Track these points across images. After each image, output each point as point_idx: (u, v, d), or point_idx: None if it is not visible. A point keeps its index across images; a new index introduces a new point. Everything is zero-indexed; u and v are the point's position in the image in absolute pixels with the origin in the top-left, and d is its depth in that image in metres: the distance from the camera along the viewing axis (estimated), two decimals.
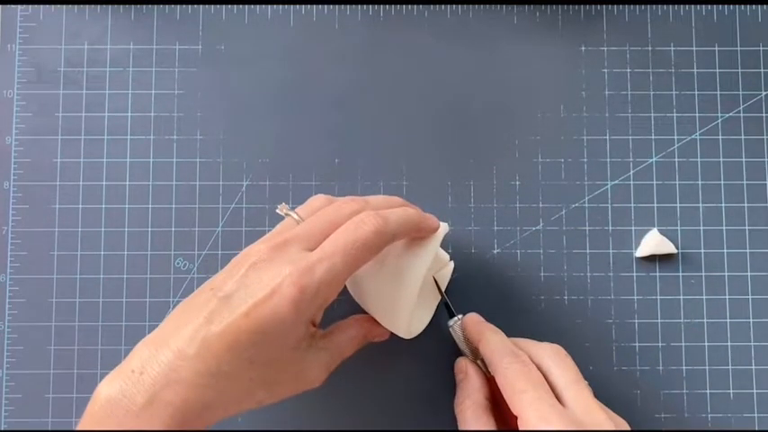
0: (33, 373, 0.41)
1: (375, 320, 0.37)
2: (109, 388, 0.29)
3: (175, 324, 0.30)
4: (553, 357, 0.34)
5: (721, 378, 0.41)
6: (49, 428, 0.40)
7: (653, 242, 0.41)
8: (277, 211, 0.35)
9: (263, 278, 0.30)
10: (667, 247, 0.41)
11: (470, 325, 0.38)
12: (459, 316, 0.38)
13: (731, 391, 0.41)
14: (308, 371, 0.33)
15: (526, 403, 0.32)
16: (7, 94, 0.43)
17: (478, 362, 0.37)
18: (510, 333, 0.37)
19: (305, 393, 0.33)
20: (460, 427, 0.36)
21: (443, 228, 0.36)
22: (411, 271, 0.34)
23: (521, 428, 0.32)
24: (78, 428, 0.30)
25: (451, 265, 0.40)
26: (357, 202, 0.34)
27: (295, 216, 0.34)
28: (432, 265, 0.36)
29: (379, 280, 0.35)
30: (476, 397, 0.36)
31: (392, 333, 0.37)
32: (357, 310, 0.38)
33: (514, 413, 0.32)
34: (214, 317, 0.30)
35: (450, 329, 0.38)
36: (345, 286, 0.38)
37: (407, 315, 0.35)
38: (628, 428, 0.33)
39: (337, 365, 0.35)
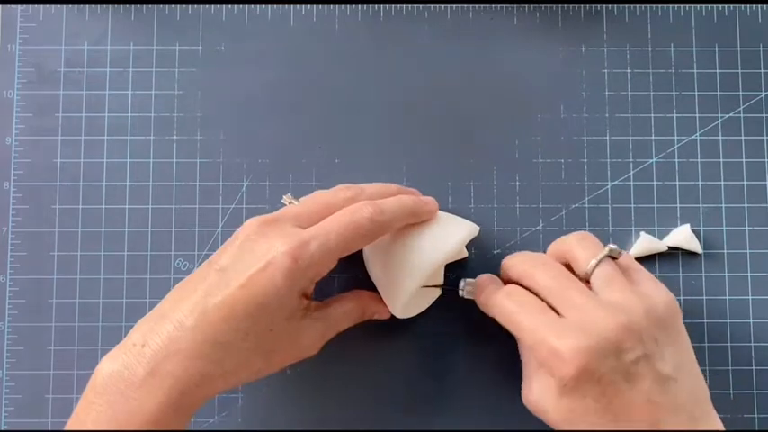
0: (33, 373, 0.41)
1: (375, 297, 0.38)
2: (111, 363, 0.30)
3: (175, 299, 0.32)
4: (534, 270, 0.34)
5: (721, 378, 0.41)
6: (49, 428, 0.40)
7: (681, 236, 0.41)
8: (282, 200, 0.37)
9: (256, 250, 0.31)
10: (694, 245, 0.41)
11: (478, 286, 0.37)
12: (463, 281, 0.37)
13: (731, 391, 0.41)
14: (302, 339, 0.34)
15: (523, 332, 0.32)
16: (7, 95, 0.43)
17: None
18: (510, 335, 0.37)
19: (301, 392, 0.33)
20: (492, 305, 0.35)
21: (473, 229, 0.37)
22: (425, 256, 0.35)
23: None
24: (81, 403, 0.30)
25: (464, 254, 0.40)
26: (352, 190, 0.35)
27: (297, 204, 0.35)
28: (449, 258, 0.36)
29: (393, 255, 0.36)
30: (495, 285, 0.36)
31: (392, 318, 0.37)
32: (356, 287, 0.39)
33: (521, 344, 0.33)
34: (211, 289, 0.31)
35: (462, 292, 0.37)
36: (342, 262, 0.38)
37: (408, 296, 0.35)
38: (646, 305, 0.32)
39: (332, 336, 0.36)
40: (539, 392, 0.33)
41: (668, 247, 0.41)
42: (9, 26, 0.43)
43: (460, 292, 0.37)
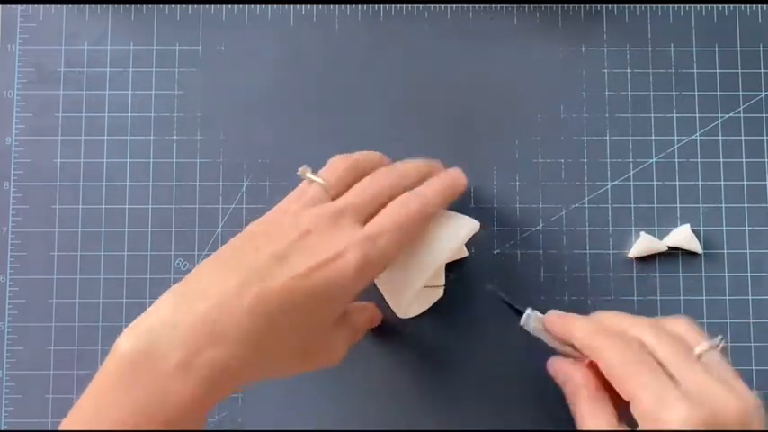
0: (33, 374, 0.41)
1: (378, 307, 0.38)
2: (136, 341, 0.26)
3: (213, 277, 0.29)
4: (651, 331, 0.31)
5: None
6: (49, 428, 0.40)
7: (682, 236, 0.41)
8: (299, 173, 0.34)
9: (322, 243, 0.30)
10: (694, 245, 0.41)
11: (553, 320, 0.35)
12: (529, 311, 0.35)
13: None
14: (334, 346, 0.33)
15: (639, 386, 0.29)
16: (7, 95, 0.43)
17: (568, 349, 0.35)
18: (510, 335, 0.37)
19: (301, 392, 0.33)
20: (582, 428, 0.32)
21: (474, 225, 0.37)
22: (429, 255, 0.35)
23: (634, 412, 0.29)
24: (95, 382, 0.27)
25: (464, 253, 0.40)
26: (394, 175, 0.35)
27: (320, 181, 0.33)
28: (451, 256, 0.36)
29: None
30: (588, 391, 0.32)
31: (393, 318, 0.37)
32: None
33: (625, 398, 0.30)
34: (265, 274, 0.28)
35: (525, 327, 0.36)
36: None
37: (411, 295, 0.35)
38: (752, 400, 0.29)
39: (353, 344, 0.35)
40: None
41: (668, 247, 0.41)
42: (9, 26, 0.43)
43: (524, 320, 0.35)
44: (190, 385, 0.26)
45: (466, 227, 0.36)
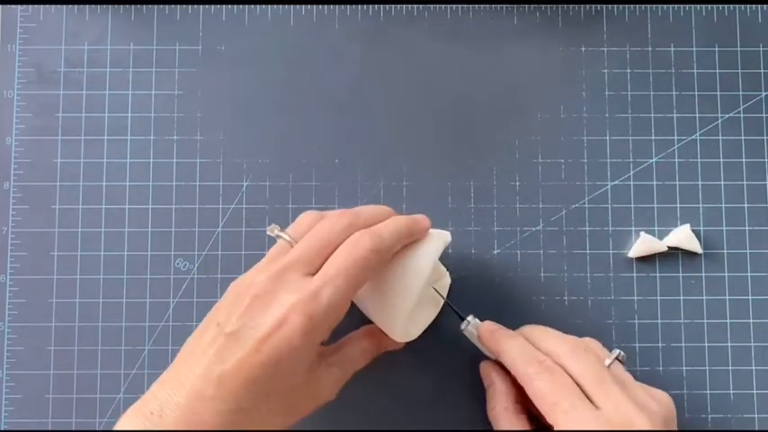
0: (33, 374, 0.41)
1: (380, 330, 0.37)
2: (131, 427, 0.29)
3: (186, 363, 0.30)
4: (572, 355, 0.34)
5: (721, 378, 0.41)
6: (49, 428, 0.40)
7: (682, 236, 0.41)
8: (267, 232, 0.35)
9: (267, 311, 0.30)
10: (694, 245, 0.41)
11: (486, 336, 0.37)
12: (470, 318, 0.38)
13: (731, 391, 0.41)
14: (321, 389, 0.33)
15: (560, 414, 0.32)
16: (7, 95, 0.43)
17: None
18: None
19: None
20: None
21: (445, 236, 0.36)
22: (411, 275, 0.34)
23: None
24: None
25: (448, 278, 0.40)
26: (347, 216, 0.34)
27: (287, 238, 0.34)
28: (432, 271, 0.35)
29: (379, 283, 0.35)
30: (505, 402, 0.36)
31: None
32: (360, 317, 0.38)
33: (549, 423, 0.32)
34: (224, 355, 0.30)
35: (465, 332, 0.38)
36: None
37: (404, 318, 0.35)
38: (663, 412, 0.33)
39: (349, 378, 0.35)
40: None
41: (668, 247, 0.41)
42: (9, 26, 0.43)
43: (463, 326, 0.38)
44: None
45: (436, 241, 0.36)
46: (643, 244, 0.41)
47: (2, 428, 0.40)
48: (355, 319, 0.37)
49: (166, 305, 0.41)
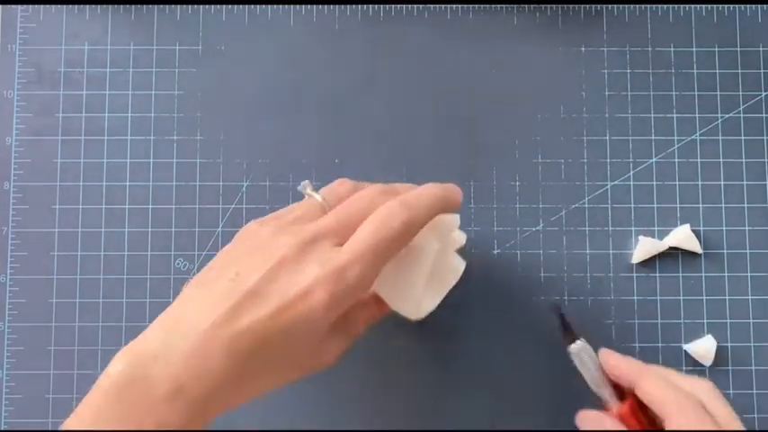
0: (33, 374, 0.41)
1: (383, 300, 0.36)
2: (126, 367, 0.28)
3: (196, 308, 0.29)
4: (707, 395, 0.33)
5: (722, 378, 0.41)
6: (49, 428, 0.40)
7: (682, 236, 0.41)
8: (299, 188, 0.34)
9: (292, 278, 0.29)
10: (694, 245, 0.41)
11: (617, 365, 0.35)
12: (581, 341, 0.36)
13: (731, 391, 0.41)
14: (325, 355, 0.33)
15: None
16: (7, 95, 0.43)
17: (606, 393, 0.36)
18: (510, 335, 0.37)
19: (301, 392, 0.33)
20: None
21: (455, 220, 0.36)
22: (423, 249, 0.34)
23: None
24: (85, 402, 0.29)
25: (463, 265, 0.38)
26: (389, 195, 0.33)
27: (320, 199, 0.33)
28: (443, 249, 0.35)
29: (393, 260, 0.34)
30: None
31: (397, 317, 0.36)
32: None
33: None
34: (241, 312, 0.29)
35: (573, 355, 0.36)
36: None
37: (417, 297, 0.34)
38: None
39: (350, 345, 0.35)
40: None
41: (668, 247, 0.41)
42: (9, 26, 0.43)
43: (576, 349, 0.36)
44: (180, 412, 0.28)
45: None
46: (644, 248, 0.41)
47: (2, 428, 0.40)
48: None
49: (166, 305, 0.41)
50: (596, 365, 0.35)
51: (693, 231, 0.41)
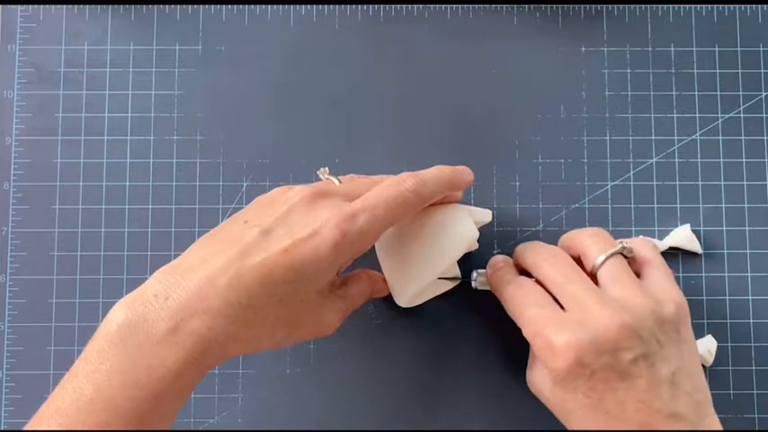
0: (33, 374, 0.41)
1: (382, 277, 0.37)
2: (127, 312, 0.28)
3: (203, 254, 0.30)
4: (543, 263, 0.34)
5: (722, 378, 0.41)
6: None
7: (682, 236, 0.41)
8: (318, 173, 0.36)
9: (304, 218, 0.30)
10: (694, 245, 0.41)
11: (489, 275, 0.38)
12: (474, 273, 0.38)
13: (731, 391, 0.41)
14: (325, 316, 0.33)
15: (523, 323, 0.33)
16: (7, 95, 0.43)
17: None
18: (510, 334, 0.37)
19: (301, 392, 0.33)
20: (501, 292, 0.36)
21: (485, 215, 0.38)
22: (442, 252, 0.35)
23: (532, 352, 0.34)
24: (90, 350, 0.28)
25: (459, 277, 0.39)
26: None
27: (336, 181, 0.35)
28: (462, 251, 0.36)
29: (408, 244, 0.36)
30: (507, 269, 0.36)
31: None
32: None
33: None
34: (251, 249, 0.29)
35: (475, 284, 0.38)
36: None
37: (418, 289, 0.35)
38: (624, 318, 0.31)
39: (349, 314, 0.35)
40: (539, 379, 0.34)
41: (668, 248, 0.41)
42: (9, 26, 0.43)
43: (473, 284, 0.38)
44: (180, 352, 0.28)
45: (478, 218, 0.37)
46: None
47: (2, 428, 0.40)
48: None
49: None
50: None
51: (694, 231, 0.41)
